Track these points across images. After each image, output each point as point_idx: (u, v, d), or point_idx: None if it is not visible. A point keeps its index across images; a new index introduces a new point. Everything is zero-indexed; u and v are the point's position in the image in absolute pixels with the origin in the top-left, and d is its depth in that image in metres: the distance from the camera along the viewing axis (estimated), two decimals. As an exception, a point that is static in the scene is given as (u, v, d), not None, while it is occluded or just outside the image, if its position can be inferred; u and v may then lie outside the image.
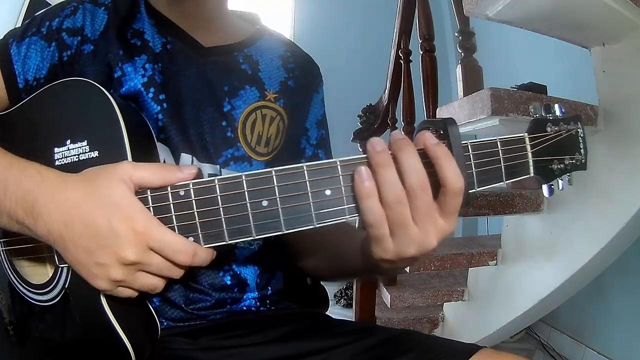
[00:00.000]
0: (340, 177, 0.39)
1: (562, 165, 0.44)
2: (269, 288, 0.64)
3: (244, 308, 0.61)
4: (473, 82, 1.34)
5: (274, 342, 0.58)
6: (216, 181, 0.40)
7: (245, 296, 0.62)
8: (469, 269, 1.58)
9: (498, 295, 1.49)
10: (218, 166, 0.59)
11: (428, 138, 0.39)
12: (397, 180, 0.38)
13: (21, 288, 0.52)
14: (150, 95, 0.57)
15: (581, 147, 0.45)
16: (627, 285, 1.67)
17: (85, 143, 0.46)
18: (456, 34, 1.44)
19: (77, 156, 0.46)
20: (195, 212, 0.40)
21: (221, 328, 0.59)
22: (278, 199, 0.39)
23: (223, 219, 0.40)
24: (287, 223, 0.39)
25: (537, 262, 1.33)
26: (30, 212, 0.41)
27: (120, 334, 0.44)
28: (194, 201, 0.40)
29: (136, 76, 0.57)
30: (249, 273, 0.62)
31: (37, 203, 0.41)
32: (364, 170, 0.38)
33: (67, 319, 0.48)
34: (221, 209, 0.39)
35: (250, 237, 0.40)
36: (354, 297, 1.73)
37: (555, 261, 1.27)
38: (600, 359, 1.78)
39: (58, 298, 0.48)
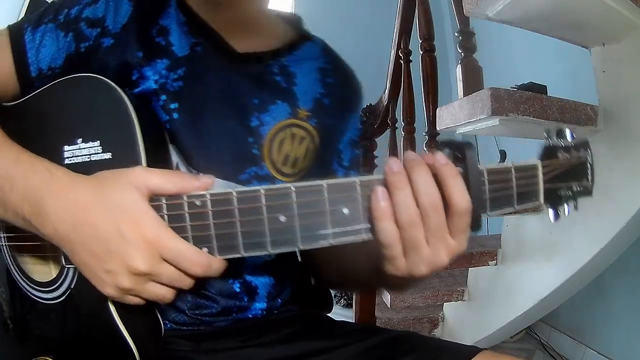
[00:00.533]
0: (359, 196, 0.39)
1: (569, 192, 0.44)
2: (279, 300, 0.62)
3: (250, 316, 0.60)
4: (473, 82, 1.34)
5: (275, 343, 0.58)
6: (234, 193, 0.39)
7: (253, 305, 0.60)
8: (469, 269, 1.58)
9: (498, 295, 1.49)
10: (234, 184, 0.55)
11: (437, 158, 0.39)
12: (411, 202, 0.38)
13: (24, 284, 0.52)
14: (161, 102, 0.53)
15: (589, 173, 0.45)
16: (627, 285, 1.67)
17: (97, 143, 0.45)
18: (456, 34, 1.43)
19: (88, 156, 0.45)
20: (212, 224, 0.39)
21: (224, 334, 0.58)
22: (296, 215, 0.38)
23: (239, 232, 0.39)
24: (303, 239, 0.39)
25: (537, 262, 1.33)
26: (37, 210, 0.40)
27: (126, 337, 0.44)
28: (210, 212, 0.39)
29: (150, 80, 0.54)
30: (261, 283, 0.60)
31: (44, 202, 0.40)
32: (380, 190, 0.38)
33: (71, 319, 0.48)
34: (238, 222, 0.39)
35: (265, 251, 0.39)
36: (354, 297, 1.73)
37: (555, 261, 1.27)
38: (600, 359, 1.78)
39: (62, 297, 0.48)
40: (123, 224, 0.38)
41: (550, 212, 0.45)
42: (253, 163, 0.56)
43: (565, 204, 0.44)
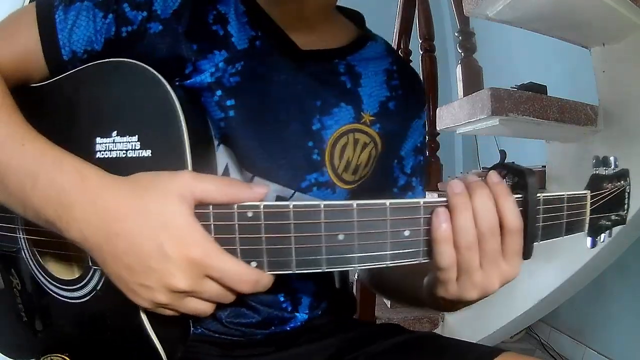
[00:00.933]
0: (422, 219, 0.37)
1: (608, 222, 0.46)
2: (319, 310, 0.60)
3: (288, 329, 0.57)
4: (473, 82, 1.34)
5: (302, 344, 0.56)
6: (291, 207, 0.36)
7: (295, 318, 0.57)
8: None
9: (498, 295, 1.47)
10: (289, 189, 0.51)
11: (490, 176, 0.38)
12: (472, 225, 0.36)
13: (43, 280, 0.49)
14: (216, 98, 0.48)
15: (625, 202, 0.47)
16: (627, 285, 1.67)
17: (135, 138, 0.40)
18: (456, 34, 1.44)
19: (124, 152, 0.41)
20: (263, 237, 0.36)
21: (257, 344, 0.55)
22: (356, 234, 0.37)
23: (293, 248, 0.37)
24: (360, 259, 0.37)
25: (537, 262, 1.33)
26: (65, 216, 0.36)
27: (155, 342, 0.42)
28: (263, 225, 0.36)
29: (206, 73, 0.48)
30: (305, 290, 0.58)
31: (74, 208, 0.35)
32: (442, 212, 0.37)
33: (95, 319, 0.45)
34: (293, 237, 0.36)
35: (320, 269, 0.37)
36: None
37: (555, 261, 1.27)
38: (600, 359, 1.78)
39: (87, 297, 0.45)
40: (165, 240, 0.34)
41: (589, 240, 0.46)
42: (314, 169, 0.52)
43: (603, 233, 0.46)
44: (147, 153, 0.40)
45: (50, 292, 0.49)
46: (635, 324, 1.63)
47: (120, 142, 0.41)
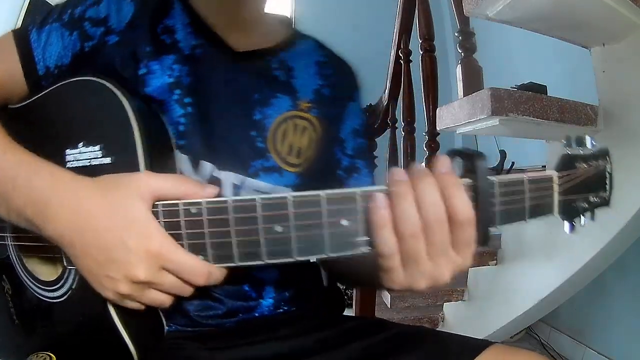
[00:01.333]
0: (359, 207, 0.37)
1: (585, 204, 0.42)
2: (286, 293, 0.62)
3: (256, 315, 0.60)
4: (473, 82, 1.34)
5: (285, 339, 0.57)
6: (229, 202, 0.38)
7: (260, 304, 0.60)
8: (469, 269, 1.58)
9: (498, 295, 1.49)
10: (242, 176, 0.56)
11: (438, 166, 0.37)
12: (414, 213, 0.36)
13: (29, 282, 0.52)
14: (175, 97, 0.54)
15: (607, 183, 0.43)
16: (627, 285, 1.67)
17: (98, 148, 0.45)
18: (456, 34, 1.44)
19: (88, 160, 0.45)
20: (206, 232, 0.39)
21: (230, 332, 0.58)
22: (292, 225, 0.37)
23: (233, 241, 0.38)
24: (299, 251, 0.38)
25: (537, 262, 1.33)
26: (40, 214, 0.40)
27: (125, 337, 0.44)
28: (205, 220, 0.39)
29: (162, 75, 0.54)
30: (268, 276, 0.60)
31: (48, 206, 0.40)
32: (381, 197, 0.37)
33: (71, 317, 0.48)
34: (232, 230, 0.38)
35: (261, 261, 0.39)
36: (354, 297, 1.73)
37: (555, 261, 1.27)
38: (600, 359, 1.78)
39: (64, 297, 0.48)
40: (126, 234, 0.38)
41: (566, 224, 0.43)
42: (259, 156, 0.57)
43: (581, 216, 0.43)
44: (108, 160, 0.45)
45: (35, 294, 0.51)
46: (635, 324, 1.63)
47: (85, 152, 0.45)
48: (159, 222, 0.39)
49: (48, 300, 0.50)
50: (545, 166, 1.31)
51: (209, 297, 0.56)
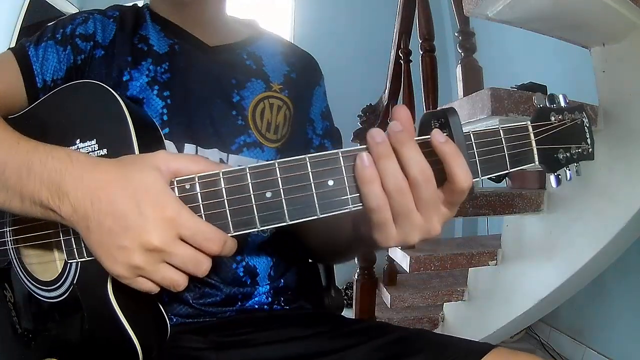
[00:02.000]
0: (343, 167, 0.39)
1: (568, 154, 0.44)
2: (282, 280, 0.64)
3: (256, 306, 0.62)
4: (473, 82, 1.34)
5: (287, 340, 0.58)
6: (221, 174, 0.40)
7: (257, 290, 0.62)
8: (469, 269, 1.58)
9: (498, 295, 1.49)
10: (226, 154, 0.61)
11: (435, 135, 0.38)
12: (398, 170, 0.38)
13: (30, 285, 0.52)
14: (155, 92, 0.60)
15: (587, 136, 0.45)
16: (627, 285, 1.67)
17: (94, 142, 0.47)
18: (456, 34, 1.44)
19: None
20: (201, 205, 0.40)
21: (231, 324, 0.59)
22: (281, 190, 0.39)
23: (228, 211, 0.40)
24: (290, 214, 0.40)
25: (537, 262, 1.33)
26: (56, 192, 0.40)
27: (129, 331, 0.44)
28: (199, 194, 0.40)
29: (141, 77, 0.60)
30: (261, 263, 0.62)
31: (64, 182, 0.40)
32: (365, 155, 0.38)
33: (74, 316, 0.48)
34: (226, 201, 0.40)
35: (255, 228, 0.40)
36: (354, 297, 1.73)
37: (555, 261, 1.27)
38: (600, 359, 1.78)
39: (66, 294, 0.48)
40: (142, 201, 0.39)
41: (552, 178, 0.44)
42: (240, 132, 0.63)
43: (566, 169, 0.44)
44: (104, 152, 0.46)
45: (37, 296, 0.51)
46: (635, 324, 1.64)
47: (82, 147, 0.47)
48: None
49: (49, 300, 0.50)
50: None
51: (206, 284, 0.58)
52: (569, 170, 0.45)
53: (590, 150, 0.45)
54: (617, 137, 1.10)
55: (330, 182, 0.39)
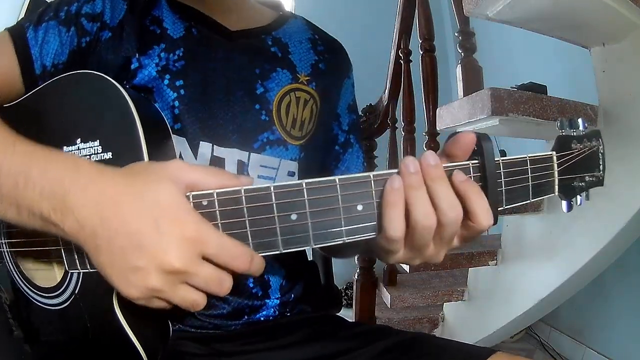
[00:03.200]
0: (373, 191, 0.37)
1: (582, 183, 0.45)
2: (292, 294, 0.62)
3: (262, 319, 0.59)
4: (473, 82, 1.34)
5: (289, 346, 0.57)
6: (242, 192, 0.37)
7: (266, 305, 0.59)
8: (469, 269, 1.58)
9: (498, 295, 1.49)
10: (247, 152, 0.56)
11: (456, 175, 0.37)
12: (428, 204, 0.36)
13: (27, 290, 0.51)
14: (166, 82, 0.54)
15: (600, 163, 0.45)
16: (627, 285, 1.67)
17: (97, 143, 0.43)
18: (456, 34, 1.43)
19: (88, 157, 0.43)
20: (219, 224, 0.37)
21: (235, 336, 0.57)
22: (308, 212, 0.37)
23: (249, 232, 0.37)
24: (315, 238, 0.37)
25: (537, 262, 1.33)
26: (59, 206, 0.35)
27: (133, 340, 0.43)
28: (217, 212, 0.37)
29: (151, 64, 0.54)
30: (274, 275, 0.60)
31: (68, 196, 0.35)
32: (397, 179, 0.36)
33: (75, 324, 0.46)
34: (247, 221, 0.37)
35: (277, 251, 0.38)
36: (354, 297, 1.73)
37: (555, 261, 1.27)
38: (600, 359, 1.78)
39: (67, 303, 0.46)
40: (159, 217, 0.34)
41: (564, 203, 0.45)
42: (264, 129, 0.57)
43: (578, 195, 0.45)
44: (108, 155, 0.42)
45: (35, 302, 0.50)
46: (635, 324, 1.63)
47: (84, 148, 0.43)
48: None
49: (48, 307, 0.48)
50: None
51: (212, 296, 0.55)
52: (580, 196, 0.45)
53: (601, 177, 0.45)
54: (617, 137, 1.10)
55: (360, 207, 0.37)
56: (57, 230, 0.37)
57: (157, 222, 0.34)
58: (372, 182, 0.37)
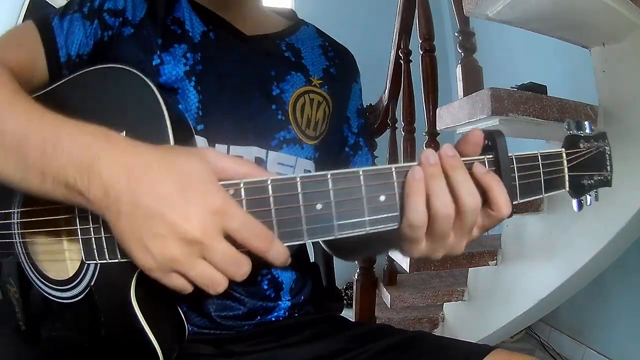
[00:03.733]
0: (395, 183, 0.39)
1: (591, 182, 0.46)
2: (302, 296, 0.64)
3: (273, 319, 0.61)
4: (473, 82, 1.34)
5: (295, 345, 0.58)
6: (269, 181, 0.37)
7: (278, 306, 0.61)
8: (469, 269, 1.58)
9: (498, 295, 1.49)
10: (265, 150, 0.58)
11: (477, 167, 0.39)
12: (447, 193, 0.38)
13: (38, 282, 0.50)
14: (192, 84, 0.56)
15: (608, 164, 0.47)
16: (627, 285, 1.67)
17: (124, 134, 0.42)
18: (456, 34, 1.43)
19: None
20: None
21: (247, 337, 0.58)
22: (333, 202, 0.38)
23: (274, 221, 0.37)
24: (340, 227, 0.38)
25: (537, 262, 1.33)
26: (87, 171, 0.35)
27: (150, 336, 0.42)
28: (244, 201, 0.37)
29: (177, 65, 0.56)
30: (286, 277, 0.62)
31: (97, 160, 0.35)
32: (418, 169, 0.38)
33: (90, 317, 0.45)
34: (273, 210, 0.37)
35: (302, 240, 0.38)
36: (354, 297, 1.73)
37: (555, 261, 1.27)
38: (600, 359, 1.78)
39: (81, 295, 0.45)
40: (187, 186, 0.34)
41: (574, 202, 0.46)
42: (280, 128, 0.60)
43: (587, 195, 0.46)
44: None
45: (46, 295, 0.49)
46: (635, 324, 1.63)
47: None
48: None
49: (61, 300, 0.47)
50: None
51: (230, 297, 0.57)
52: (590, 196, 0.47)
53: (609, 177, 0.47)
54: (617, 137, 1.10)
55: (382, 198, 0.38)
56: (82, 199, 0.36)
57: (185, 190, 0.34)
58: (394, 173, 0.39)
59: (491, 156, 0.40)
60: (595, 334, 1.84)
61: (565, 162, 0.44)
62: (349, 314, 2.05)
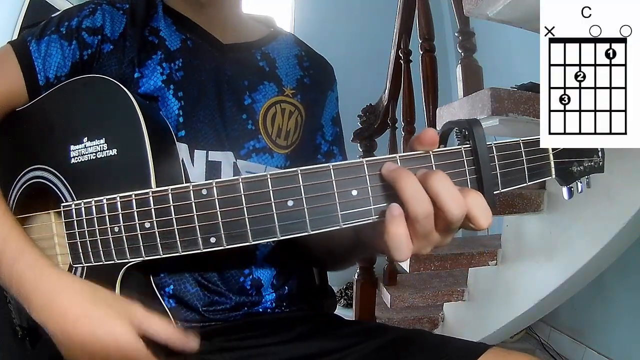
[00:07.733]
0: (367, 177, 0.38)
1: (581, 167, 0.45)
2: (286, 287, 0.64)
3: (260, 310, 0.62)
4: (473, 82, 1.34)
5: (289, 342, 0.58)
6: (240, 180, 0.38)
7: (263, 299, 0.62)
8: (469, 269, 1.58)
9: (498, 295, 1.49)
10: (235, 159, 0.60)
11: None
12: (423, 193, 0.37)
13: None
14: (171, 91, 0.58)
15: (599, 149, 0.46)
16: (627, 285, 1.67)
17: (103, 141, 0.45)
18: (456, 34, 1.43)
19: (94, 154, 0.45)
20: (218, 212, 0.39)
21: (236, 329, 0.59)
22: (304, 198, 0.38)
23: (247, 219, 0.38)
24: (312, 223, 0.38)
25: (537, 262, 1.33)
26: (25, 302, 0.43)
27: None
28: (216, 200, 0.39)
29: (154, 74, 0.57)
30: (265, 274, 0.62)
31: (31, 301, 0.42)
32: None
33: None
34: (245, 208, 0.38)
35: (275, 237, 0.39)
36: (354, 297, 1.73)
37: (555, 261, 1.27)
38: (600, 359, 1.78)
39: None
40: (112, 351, 0.40)
41: (564, 190, 0.45)
42: (250, 137, 0.61)
43: (578, 182, 0.45)
44: (114, 152, 0.45)
45: None
46: (635, 324, 1.63)
47: (90, 146, 0.46)
48: (168, 207, 0.40)
49: None
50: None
51: (215, 293, 0.58)
52: (581, 182, 0.46)
53: (601, 163, 0.46)
54: (617, 137, 1.10)
55: (354, 192, 0.38)
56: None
57: (110, 355, 0.40)
58: (365, 167, 0.38)
59: (468, 145, 0.40)
60: (595, 334, 1.84)
61: (550, 149, 0.43)
62: (349, 314, 2.05)
